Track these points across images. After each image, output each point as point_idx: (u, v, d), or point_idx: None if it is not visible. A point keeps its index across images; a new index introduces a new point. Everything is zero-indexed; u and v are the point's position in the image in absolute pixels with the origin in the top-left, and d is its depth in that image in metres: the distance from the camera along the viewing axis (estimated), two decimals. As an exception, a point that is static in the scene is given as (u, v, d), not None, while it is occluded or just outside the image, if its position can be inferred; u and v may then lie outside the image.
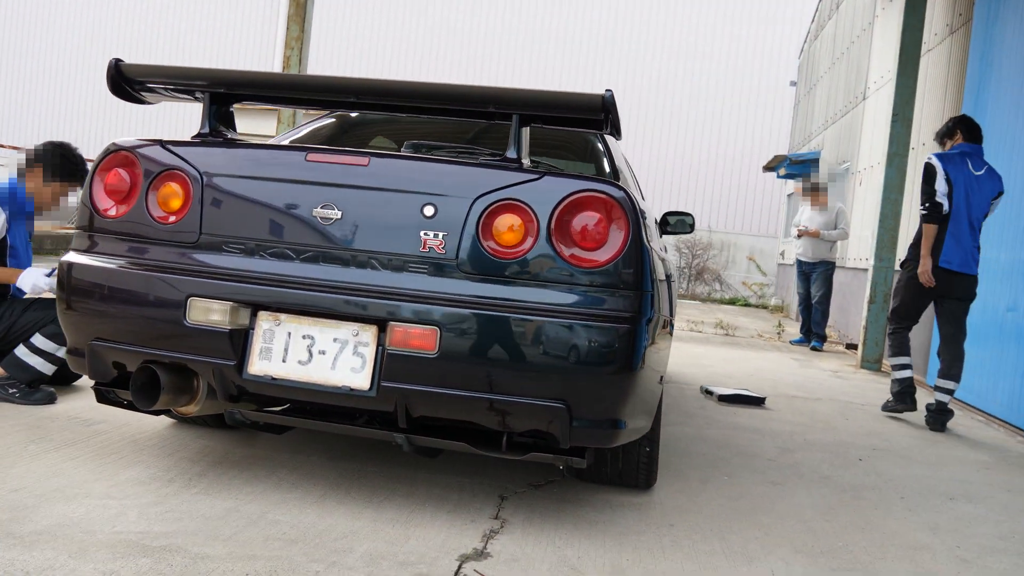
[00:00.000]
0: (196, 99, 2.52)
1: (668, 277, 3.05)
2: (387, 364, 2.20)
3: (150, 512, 2.32)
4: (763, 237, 17.76)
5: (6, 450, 2.75)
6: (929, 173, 4.70)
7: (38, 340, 3.36)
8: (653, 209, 3.80)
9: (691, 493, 3.01)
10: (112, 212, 2.46)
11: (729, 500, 2.97)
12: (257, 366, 2.29)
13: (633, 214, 2.24)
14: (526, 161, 2.41)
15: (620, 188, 2.26)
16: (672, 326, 3.33)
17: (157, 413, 2.58)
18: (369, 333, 2.24)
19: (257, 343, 2.30)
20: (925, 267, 4.65)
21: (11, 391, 3.32)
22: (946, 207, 4.63)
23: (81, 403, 3.44)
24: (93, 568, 1.94)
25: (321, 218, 2.29)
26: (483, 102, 2.35)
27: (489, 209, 2.24)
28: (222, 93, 2.48)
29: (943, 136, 4.94)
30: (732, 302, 17.39)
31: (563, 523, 2.55)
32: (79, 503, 2.34)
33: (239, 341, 2.29)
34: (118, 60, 2.45)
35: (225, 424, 3.07)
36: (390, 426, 2.32)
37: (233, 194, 2.37)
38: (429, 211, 2.25)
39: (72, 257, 2.49)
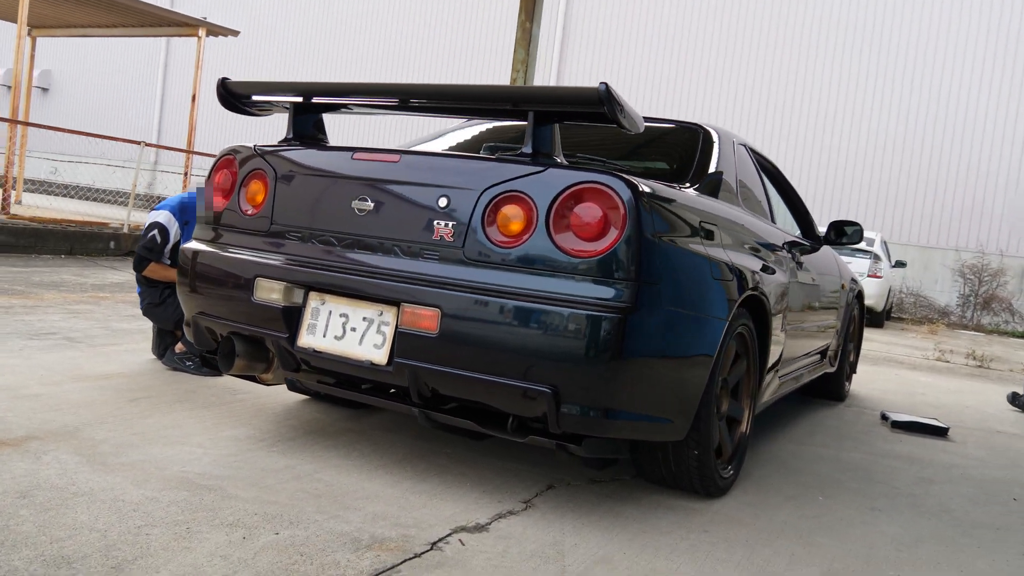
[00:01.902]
0: (284, 109, 2.90)
1: (781, 285, 2.99)
2: (398, 342, 2.40)
3: (222, 460, 2.70)
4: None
5: (153, 406, 3.30)
6: None
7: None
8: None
9: (762, 507, 2.86)
10: (218, 206, 2.90)
11: (799, 518, 2.79)
12: (304, 339, 2.59)
13: (633, 206, 2.24)
14: (560, 158, 2.49)
15: (623, 180, 2.27)
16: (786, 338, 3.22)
17: (248, 378, 2.96)
18: (390, 313, 2.46)
19: (306, 319, 2.60)
20: None
21: (187, 363, 3.95)
22: None
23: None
24: (142, 494, 2.33)
25: (358, 209, 2.54)
26: (492, 100, 2.48)
27: (494, 200, 2.36)
28: (302, 103, 2.83)
29: None
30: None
31: (588, 515, 2.57)
32: (172, 447, 2.78)
33: (293, 317, 2.61)
34: (224, 79, 2.90)
35: (344, 401, 3.44)
36: (409, 400, 2.51)
37: (296, 189, 2.70)
38: (443, 202, 2.42)
39: (188, 244, 2.97)
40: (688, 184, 2.94)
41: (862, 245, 12.37)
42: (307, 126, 2.92)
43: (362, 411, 3.50)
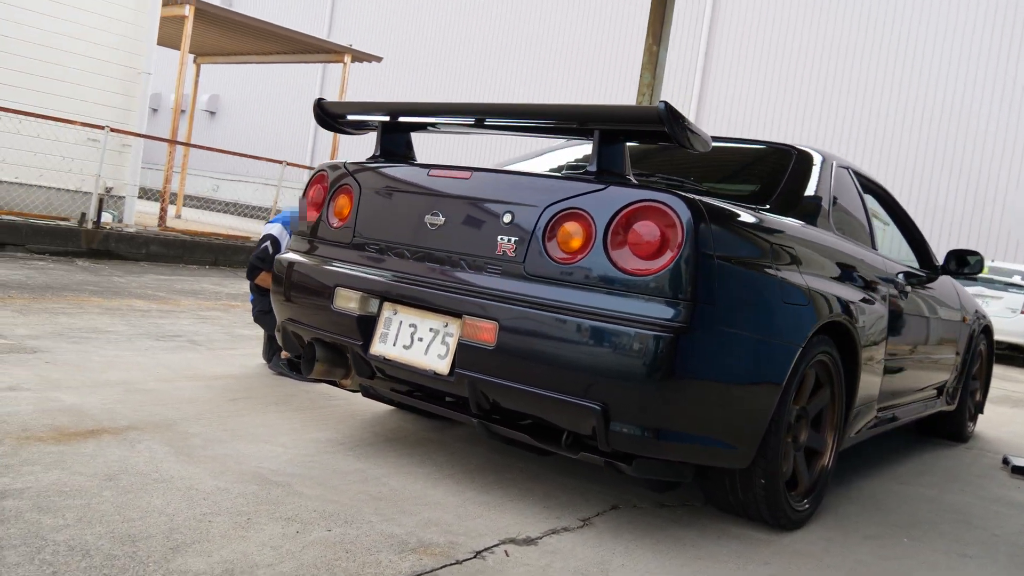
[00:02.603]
0: (372, 129, 3.04)
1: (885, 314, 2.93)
2: (459, 353, 2.47)
3: (298, 460, 2.84)
4: None
5: (251, 406, 3.51)
6: None
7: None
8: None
9: (837, 544, 2.73)
10: (311, 218, 3.08)
11: (875, 558, 2.65)
12: (376, 347, 2.70)
13: (691, 225, 2.21)
14: (630, 177, 2.50)
15: (681, 198, 2.25)
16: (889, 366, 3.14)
17: (331, 383, 3.09)
18: (455, 325, 2.53)
19: (379, 328, 2.71)
20: None
21: (291, 369, 4.16)
22: None
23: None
24: (215, 485, 2.50)
25: (430, 224, 2.64)
26: (558, 118, 2.51)
27: (555, 217, 2.39)
28: (388, 122, 2.95)
29: None
30: None
31: (644, 538, 2.54)
32: (256, 445, 2.95)
33: (367, 326, 2.73)
34: (320, 99, 3.07)
35: (428, 413, 3.55)
36: (469, 411, 2.56)
37: (377, 203, 2.83)
38: (507, 218, 2.47)
39: (282, 254, 3.15)
40: (768, 206, 2.87)
41: (1016, 279, 11.51)
42: (395, 144, 3.04)
43: (445, 423, 3.59)
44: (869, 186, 3.94)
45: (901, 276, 3.70)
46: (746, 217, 2.52)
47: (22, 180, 8.41)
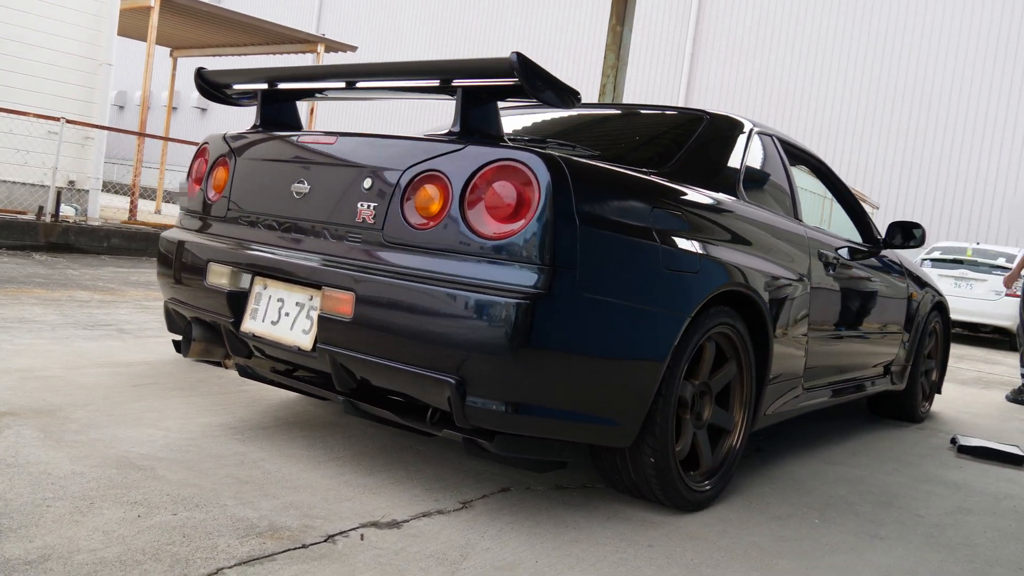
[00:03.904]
0: (252, 99, 2.91)
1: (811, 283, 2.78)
2: (320, 326, 2.33)
3: (175, 444, 2.71)
4: None
5: (153, 392, 3.38)
6: None
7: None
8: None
9: (737, 525, 2.60)
10: (192, 193, 2.95)
11: (774, 540, 2.51)
12: (247, 324, 2.57)
13: (550, 184, 2.08)
14: (504, 139, 2.36)
15: (540, 156, 2.11)
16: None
17: (216, 364, 2.97)
18: (318, 298, 2.39)
19: (250, 304, 2.58)
20: None
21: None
22: None
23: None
24: (71, 469, 2.37)
25: (295, 192, 2.50)
26: (415, 75, 2.37)
27: (413, 180, 2.26)
28: (267, 90, 2.82)
29: None
30: None
31: (524, 521, 2.41)
32: (137, 429, 2.82)
33: (239, 302, 2.59)
34: (200, 68, 2.93)
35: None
36: (332, 388, 2.43)
37: (249, 174, 2.70)
38: (367, 184, 2.34)
39: (165, 232, 3.02)
40: (665, 170, 2.73)
41: (1001, 262, 11.32)
42: (279, 114, 2.91)
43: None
44: (801, 156, 3.80)
45: (832, 248, 3.56)
46: (621, 178, 2.38)
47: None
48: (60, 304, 5.27)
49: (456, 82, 2.30)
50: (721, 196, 2.84)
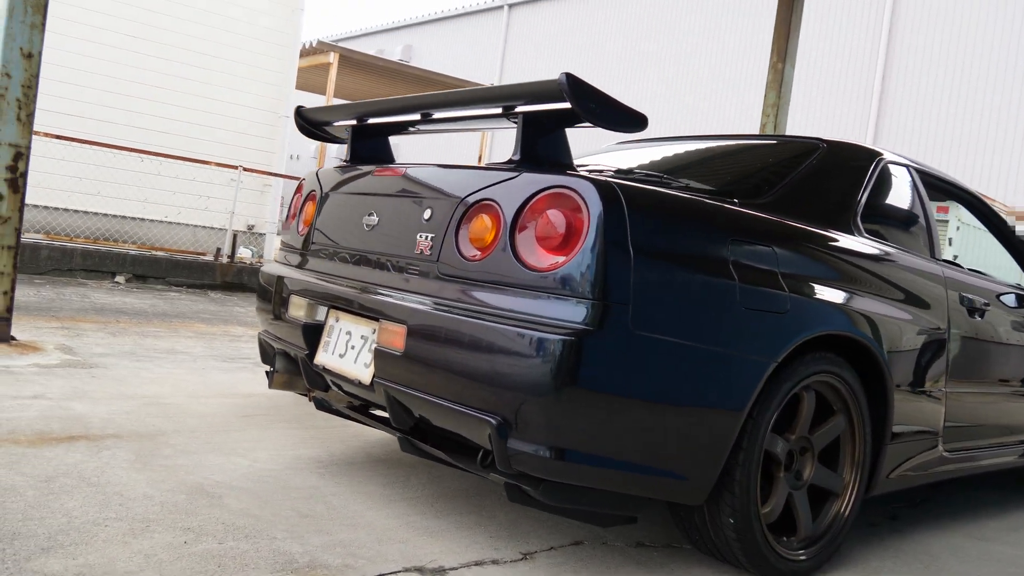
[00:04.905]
0: (344, 136, 2.94)
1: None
2: (376, 359, 2.28)
3: (255, 474, 2.73)
4: None
5: (259, 423, 3.46)
6: None
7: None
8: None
9: (836, 602, 2.28)
10: (287, 227, 3.02)
11: (876, 622, 2.17)
12: (320, 357, 2.56)
13: (601, 211, 1.93)
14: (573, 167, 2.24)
15: (592, 182, 1.97)
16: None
17: (306, 396, 2.99)
18: (378, 331, 2.35)
19: (324, 337, 2.58)
20: None
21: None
22: None
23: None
24: (144, 492, 2.43)
25: (366, 224, 2.49)
26: (469, 103, 2.29)
27: (468, 211, 2.17)
28: (356, 125, 2.84)
29: None
30: None
31: (580, 570, 2.22)
32: (225, 458, 2.87)
33: (314, 334, 2.60)
34: (300, 107, 3.01)
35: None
36: (392, 425, 2.36)
37: (331, 208, 2.72)
38: (427, 215, 2.28)
39: (264, 266, 3.11)
40: (757, 200, 2.49)
41: None
42: (370, 149, 2.92)
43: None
44: (949, 191, 3.40)
45: (983, 292, 3.14)
46: (690, 206, 2.19)
47: (170, 219, 9.09)
48: (213, 338, 5.59)
49: (519, 108, 2.21)
50: (828, 230, 2.56)
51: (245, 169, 8.80)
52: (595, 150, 3.64)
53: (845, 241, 2.59)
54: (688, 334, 2.03)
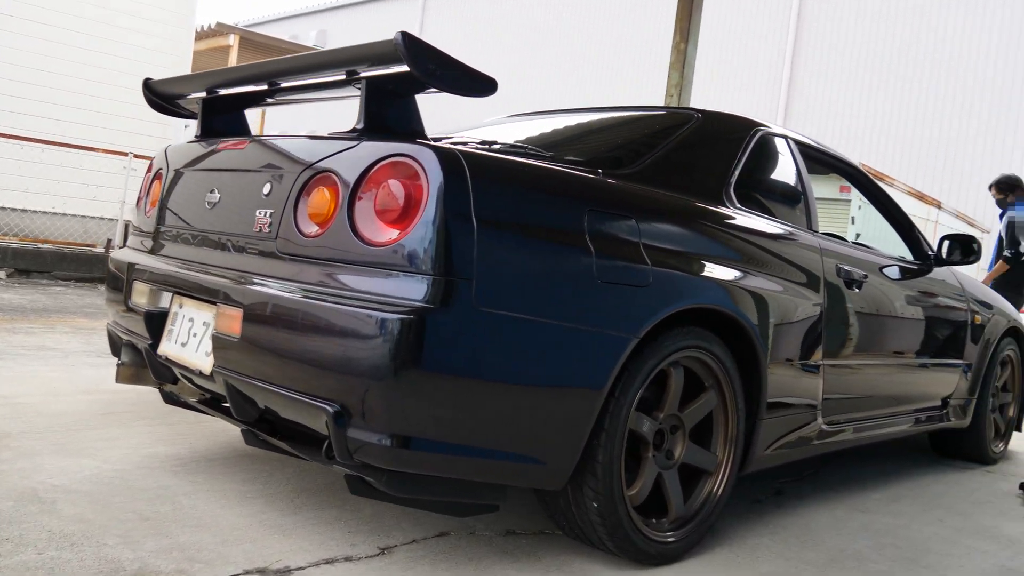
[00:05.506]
0: (194, 111, 2.74)
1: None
2: (215, 347, 2.11)
3: (102, 476, 2.53)
4: None
5: (122, 420, 3.24)
6: None
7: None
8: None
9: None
10: (138, 206, 2.81)
11: (744, 602, 2.12)
12: (163, 347, 2.38)
13: (441, 180, 1.80)
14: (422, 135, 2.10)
15: (433, 148, 1.84)
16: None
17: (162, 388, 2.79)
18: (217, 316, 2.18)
19: (168, 325, 2.39)
20: None
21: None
22: None
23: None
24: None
25: (207, 203, 2.31)
26: (305, 71, 2.14)
27: (307, 184, 2.02)
28: (205, 98, 2.65)
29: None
30: None
31: (442, 572, 2.10)
32: (71, 459, 2.66)
33: (157, 322, 2.41)
34: (148, 79, 2.80)
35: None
36: (236, 416, 2.19)
37: (177, 186, 2.53)
38: (267, 189, 2.12)
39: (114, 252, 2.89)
40: (624, 170, 2.40)
41: None
42: (225, 123, 2.72)
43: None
44: (830, 163, 3.38)
45: (862, 264, 3.12)
46: (543, 175, 2.07)
47: (56, 209, 8.63)
48: (92, 333, 5.29)
49: (364, 73, 2.06)
50: (698, 201, 2.49)
51: (136, 156, 8.39)
52: (480, 123, 3.51)
53: (716, 212, 2.52)
54: (538, 310, 1.92)
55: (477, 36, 25.23)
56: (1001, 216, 7.54)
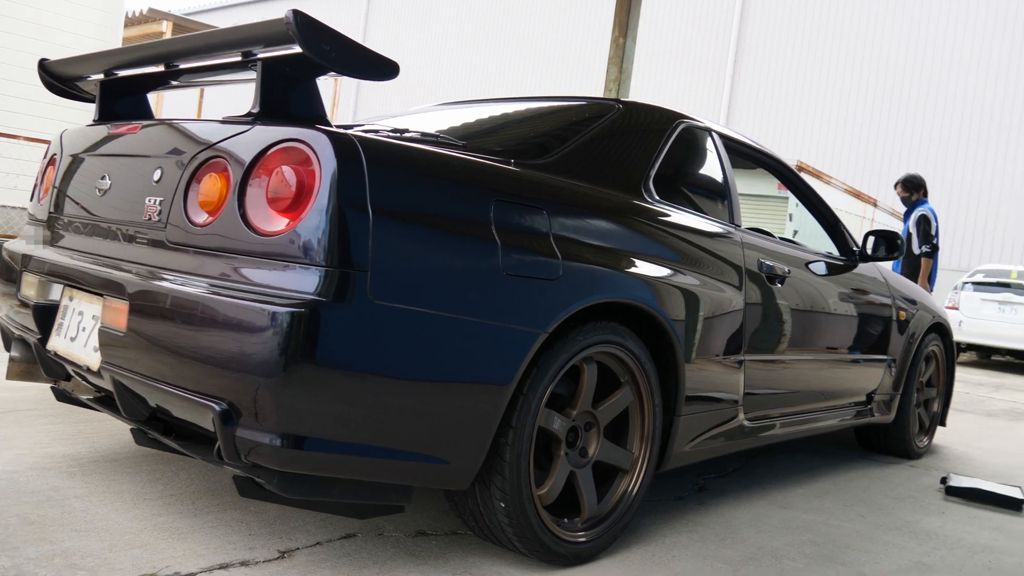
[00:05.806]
0: (93, 93, 2.61)
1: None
2: (101, 341, 2.00)
3: (-12, 478, 2.40)
4: None
5: (18, 420, 3.09)
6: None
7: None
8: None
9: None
10: (33, 195, 2.66)
11: (654, 602, 2.07)
12: (52, 341, 2.25)
13: (335, 167, 1.71)
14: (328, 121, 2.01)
15: (327, 133, 1.75)
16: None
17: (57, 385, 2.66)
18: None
19: (58, 318, 2.26)
20: None
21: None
22: None
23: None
24: None
25: (98, 190, 2.19)
26: (202, 51, 2.03)
27: (196, 170, 1.92)
28: (106, 80, 2.51)
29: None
30: None
31: (341, 567, 2.02)
32: (-45, 460, 2.52)
33: (47, 316, 2.28)
34: (43, 60, 2.65)
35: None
36: (125, 415, 2.08)
37: (70, 172, 2.40)
38: (157, 175, 2.01)
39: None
40: (537, 160, 2.34)
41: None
42: (126, 106, 2.59)
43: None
44: (755, 157, 3.36)
45: (784, 259, 3.11)
46: (446, 163, 1.99)
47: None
48: (6, 326, 5.06)
49: (260, 55, 1.96)
50: (612, 193, 2.44)
51: (62, 144, 8.09)
52: (402, 111, 3.42)
53: (633, 205, 2.47)
54: (439, 303, 1.84)
55: (425, 30, 25.05)
56: (907, 214, 7.74)
